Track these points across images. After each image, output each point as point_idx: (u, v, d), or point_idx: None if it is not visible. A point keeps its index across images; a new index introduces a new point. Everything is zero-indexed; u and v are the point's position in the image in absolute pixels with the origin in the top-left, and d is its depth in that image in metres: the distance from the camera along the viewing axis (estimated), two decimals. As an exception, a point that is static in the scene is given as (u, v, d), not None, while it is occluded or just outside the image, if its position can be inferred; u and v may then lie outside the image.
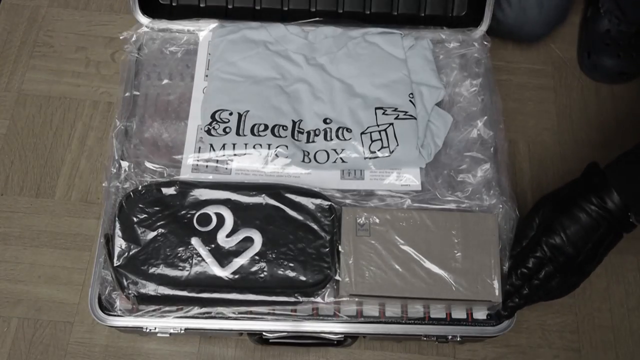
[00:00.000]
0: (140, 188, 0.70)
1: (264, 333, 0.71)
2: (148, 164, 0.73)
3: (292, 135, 0.75)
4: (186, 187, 0.70)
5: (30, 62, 0.98)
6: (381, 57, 0.79)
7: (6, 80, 0.97)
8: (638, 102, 0.98)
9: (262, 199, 0.69)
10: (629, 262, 0.88)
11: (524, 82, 0.98)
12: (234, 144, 0.73)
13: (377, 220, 0.69)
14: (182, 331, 0.69)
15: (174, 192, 0.70)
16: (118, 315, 0.69)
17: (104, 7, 1.03)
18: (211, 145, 0.74)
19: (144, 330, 0.69)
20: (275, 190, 0.70)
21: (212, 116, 0.75)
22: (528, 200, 0.90)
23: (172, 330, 0.69)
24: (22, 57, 0.99)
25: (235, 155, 0.73)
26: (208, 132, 0.74)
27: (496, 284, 0.67)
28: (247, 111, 0.76)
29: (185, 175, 0.73)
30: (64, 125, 0.94)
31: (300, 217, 0.69)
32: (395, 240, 0.68)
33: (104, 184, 0.73)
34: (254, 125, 0.75)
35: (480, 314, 0.70)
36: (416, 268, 0.67)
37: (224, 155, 0.73)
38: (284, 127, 0.75)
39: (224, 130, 0.74)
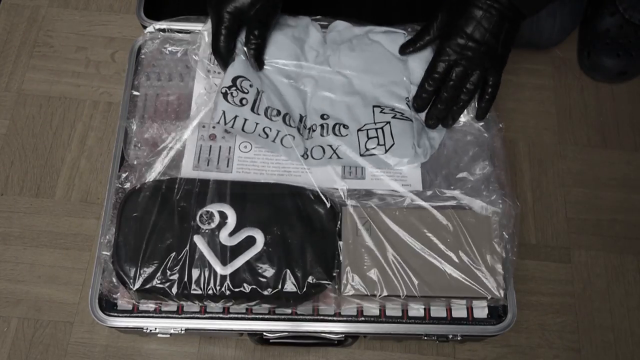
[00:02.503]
0: (141, 187, 0.70)
1: (264, 333, 0.71)
2: (149, 164, 0.73)
3: (298, 129, 0.75)
4: (188, 185, 0.70)
5: (30, 62, 0.98)
6: (382, 56, 0.79)
7: (6, 80, 0.97)
8: (638, 101, 0.98)
9: (265, 199, 0.69)
10: (629, 262, 0.88)
11: (524, 82, 0.98)
12: (245, 120, 0.73)
13: (378, 220, 0.69)
14: (183, 331, 0.69)
15: (176, 191, 0.69)
16: (118, 316, 0.69)
17: (104, 7, 1.03)
18: (223, 113, 0.72)
19: (144, 330, 0.69)
20: (277, 190, 0.70)
21: (234, 80, 0.74)
22: (528, 200, 0.91)
23: (172, 331, 0.69)
24: (22, 57, 0.99)
25: (237, 144, 0.73)
26: (225, 95, 0.73)
27: (497, 280, 0.67)
28: (264, 92, 0.75)
29: (187, 174, 0.73)
30: (64, 125, 0.94)
31: (301, 217, 0.69)
32: (395, 239, 0.68)
33: (104, 184, 0.73)
34: (267, 108, 0.74)
35: (480, 314, 0.70)
36: (417, 267, 0.67)
37: (227, 133, 0.74)
38: (293, 119, 0.75)
39: (241, 101, 0.73)
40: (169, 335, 0.71)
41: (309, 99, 0.77)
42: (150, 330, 0.69)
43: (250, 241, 0.67)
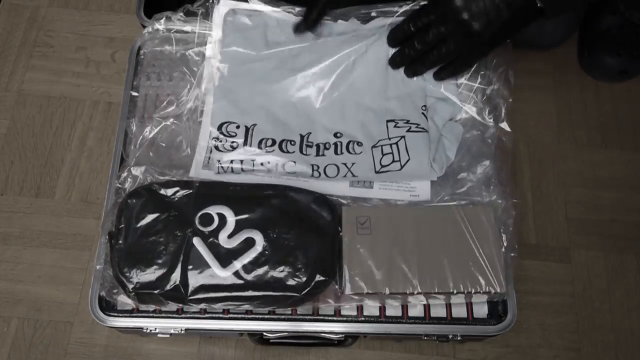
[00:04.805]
0: (141, 188, 0.70)
1: (264, 333, 0.71)
2: (149, 164, 0.73)
3: (300, 150, 0.73)
4: (188, 186, 0.70)
5: (30, 62, 0.98)
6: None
7: (6, 80, 0.97)
8: (638, 101, 0.98)
9: (264, 200, 0.69)
10: (629, 262, 0.88)
11: (524, 82, 0.98)
12: (241, 161, 0.72)
13: (378, 218, 0.69)
14: (183, 331, 0.69)
15: (176, 192, 0.69)
16: (118, 316, 0.69)
17: (104, 7, 1.03)
18: (219, 162, 0.72)
19: (144, 330, 0.69)
20: (277, 191, 0.70)
21: (220, 128, 0.74)
22: (528, 200, 0.90)
23: (172, 331, 0.69)
24: (22, 57, 0.99)
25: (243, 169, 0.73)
26: (216, 146, 0.73)
27: (497, 275, 0.67)
28: (255, 125, 0.74)
29: (196, 173, 0.72)
30: (64, 125, 0.94)
31: (301, 217, 0.69)
32: (395, 238, 0.68)
33: (104, 184, 0.73)
34: (261, 140, 0.73)
35: (480, 314, 0.70)
36: (417, 264, 0.67)
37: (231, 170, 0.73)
38: (292, 142, 0.73)
39: (231, 145, 0.73)
40: (169, 335, 0.71)
41: (315, 114, 0.75)
42: (150, 331, 0.70)
43: (249, 243, 0.67)
